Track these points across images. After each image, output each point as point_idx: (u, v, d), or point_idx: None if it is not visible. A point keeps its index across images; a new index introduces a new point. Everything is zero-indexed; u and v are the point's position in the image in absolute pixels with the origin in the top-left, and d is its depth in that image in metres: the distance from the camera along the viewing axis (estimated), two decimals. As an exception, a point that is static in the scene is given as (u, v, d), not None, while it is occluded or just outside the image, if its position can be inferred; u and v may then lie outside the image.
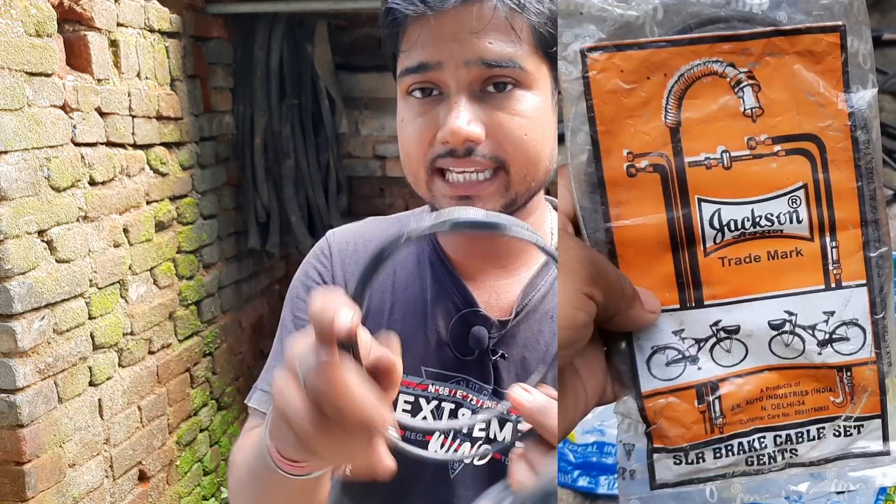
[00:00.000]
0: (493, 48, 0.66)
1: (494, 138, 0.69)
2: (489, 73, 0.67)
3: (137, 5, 2.28)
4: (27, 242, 1.79)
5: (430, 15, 0.66)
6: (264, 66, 3.00)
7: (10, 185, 1.72)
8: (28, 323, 1.79)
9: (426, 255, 0.84)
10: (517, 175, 0.71)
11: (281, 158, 3.09)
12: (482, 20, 0.66)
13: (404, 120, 0.73)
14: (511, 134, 0.69)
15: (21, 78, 1.75)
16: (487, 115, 0.68)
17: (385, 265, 0.44)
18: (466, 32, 0.66)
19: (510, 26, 0.66)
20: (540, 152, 0.71)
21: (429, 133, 0.70)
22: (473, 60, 0.66)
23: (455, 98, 0.68)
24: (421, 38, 0.68)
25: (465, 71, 0.67)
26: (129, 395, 2.27)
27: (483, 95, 0.69)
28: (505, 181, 0.71)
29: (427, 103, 0.70)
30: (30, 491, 1.82)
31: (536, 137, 0.70)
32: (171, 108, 2.47)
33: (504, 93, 0.68)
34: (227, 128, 2.96)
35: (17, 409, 1.78)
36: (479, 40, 0.66)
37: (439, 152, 0.70)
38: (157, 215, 2.41)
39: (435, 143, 0.70)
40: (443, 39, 0.67)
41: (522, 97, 0.69)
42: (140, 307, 2.32)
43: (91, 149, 2.05)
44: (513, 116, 0.69)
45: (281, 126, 3.07)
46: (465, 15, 0.66)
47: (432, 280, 0.82)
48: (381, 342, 0.46)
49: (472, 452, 0.77)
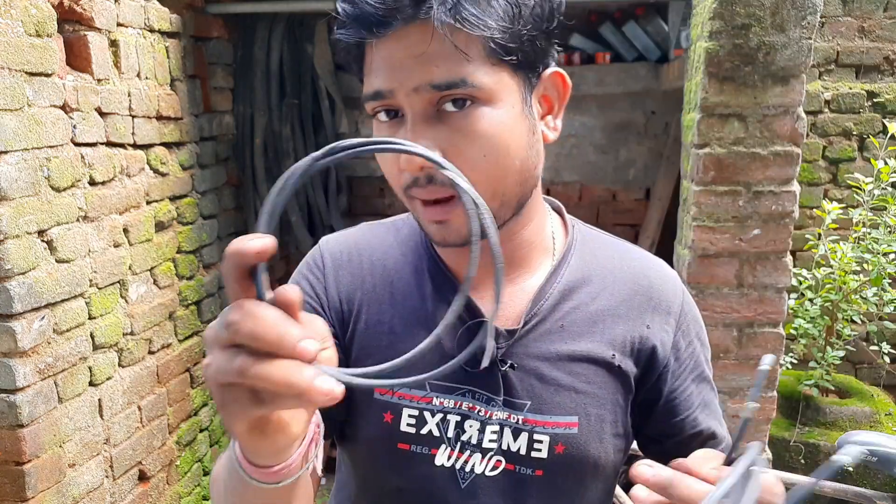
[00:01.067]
0: (439, 71, 0.64)
1: (454, 161, 0.64)
2: (440, 95, 0.65)
3: (137, 5, 2.28)
4: (27, 242, 1.79)
5: (372, 43, 0.66)
6: (264, 66, 3.00)
7: (10, 185, 1.72)
8: (28, 323, 1.79)
9: (424, 266, 0.82)
10: (484, 194, 0.67)
11: (281, 158, 3.09)
12: (424, 42, 0.63)
13: None
14: (469, 157, 0.66)
15: (21, 78, 1.75)
16: (446, 139, 0.66)
17: (286, 194, 0.45)
18: (411, 57, 0.64)
19: (454, 45, 0.63)
20: (505, 167, 0.69)
21: (396, 160, 0.69)
22: (422, 85, 0.64)
23: (411, 125, 0.66)
24: (374, 64, 0.67)
25: (417, 97, 0.65)
26: (129, 395, 2.27)
27: (441, 115, 0.66)
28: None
29: (393, 125, 0.69)
30: (30, 491, 1.82)
31: (499, 153, 0.67)
32: (171, 108, 2.47)
33: (463, 110, 0.66)
34: (227, 128, 2.96)
35: (17, 409, 1.78)
36: (425, 64, 0.64)
37: (407, 181, 0.69)
38: (157, 215, 2.41)
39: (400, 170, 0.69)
40: (392, 66, 0.65)
41: (481, 115, 0.66)
42: (140, 307, 2.32)
43: (91, 149, 2.05)
44: (471, 139, 0.66)
45: (281, 126, 3.07)
46: (408, 38, 0.64)
47: (433, 291, 0.80)
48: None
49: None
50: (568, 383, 0.77)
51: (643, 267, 0.84)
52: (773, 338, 2.06)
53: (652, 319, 0.80)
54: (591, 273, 0.81)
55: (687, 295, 0.85)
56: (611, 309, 0.80)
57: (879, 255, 2.53)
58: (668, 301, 0.82)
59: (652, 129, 3.22)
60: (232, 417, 0.47)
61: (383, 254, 0.84)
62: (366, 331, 0.80)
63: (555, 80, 0.74)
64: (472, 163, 0.66)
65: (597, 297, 0.80)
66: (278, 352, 0.42)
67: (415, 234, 0.85)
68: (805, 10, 1.88)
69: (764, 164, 1.97)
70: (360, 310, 0.81)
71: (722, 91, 1.95)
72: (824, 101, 3.15)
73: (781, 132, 1.95)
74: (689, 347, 0.82)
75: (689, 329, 0.83)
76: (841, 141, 3.18)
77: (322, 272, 0.83)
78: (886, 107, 3.11)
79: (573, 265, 0.81)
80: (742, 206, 2.00)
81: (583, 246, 0.84)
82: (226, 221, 2.94)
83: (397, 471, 0.78)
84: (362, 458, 0.82)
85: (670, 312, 0.81)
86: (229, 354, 0.44)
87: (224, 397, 0.45)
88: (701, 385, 0.82)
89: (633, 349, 0.79)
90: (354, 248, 0.85)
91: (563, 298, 0.79)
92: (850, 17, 3.12)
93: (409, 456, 0.77)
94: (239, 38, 2.98)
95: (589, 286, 0.80)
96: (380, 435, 0.78)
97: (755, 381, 0.53)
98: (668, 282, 0.84)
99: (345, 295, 0.82)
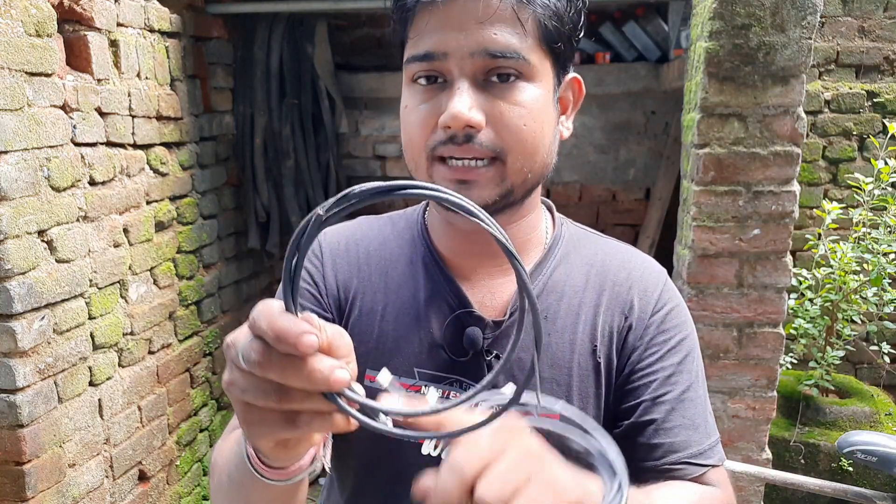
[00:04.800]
0: (498, 39, 0.67)
1: (494, 127, 0.69)
2: (493, 64, 0.68)
3: (137, 5, 2.28)
4: (27, 242, 1.79)
5: (438, 3, 0.67)
6: (264, 66, 3.00)
7: (10, 185, 1.72)
8: (28, 323, 1.79)
9: (419, 256, 0.83)
10: (514, 165, 0.71)
11: (281, 158, 3.09)
12: (489, 10, 0.66)
13: (408, 106, 0.73)
14: (510, 123, 0.69)
15: (21, 78, 1.75)
16: (489, 104, 0.69)
17: (303, 255, 0.44)
18: (473, 22, 0.67)
19: (516, 18, 0.67)
20: (538, 143, 0.72)
21: (431, 119, 0.71)
22: (478, 51, 0.67)
23: (458, 84, 0.68)
24: (428, 26, 0.69)
25: (470, 61, 0.68)
26: (129, 395, 2.27)
27: (486, 85, 0.69)
28: (501, 171, 0.71)
29: (431, 90, 0.71)
30: (30, 491, 1.82)
31: (535, 129, 0.71)
32: (171, 108, 2.47)
33: (507, 83, 0.69)
34: (227, 128, 2.96)
35: (17, 409, 1.78)
36: (485, 31, 0.67)
37: (440, 139, 0.70)
38: (157, 215, 2.41)
39: (436, 129, 0.70)
40: (449, 28, 0.67)
41: (525, 88, 0.70)
42: (140, 307, 2.32)
43: (91, 149, 2.05)
44: (513, 106, 0.69)
45: (281, 126, 3.07)
46: (473, 4, 0.66)
47: (426, 280, 0.82)
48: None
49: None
50: (550, 375, 0.78)
51: (625, 261, 0.85)
52: (773, 338, 2.06)
53: (630, 310, 0.80)
54: (574, 267, 0.83)
55: (669, 289, 0.84)
56: (591, 301, 0.81)
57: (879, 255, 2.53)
58: (646, 291, 0.82)
59: (652, 129, 3.22)
60: (259, 437, 0.48)
61: (380, 244, 0.86)
62: (359, 318, 0.82)
63: (573, 84, 0.79)
64: (514, 129, 0.70)
65: (579, 290, 0.81)
66: (312, 387, 0.44)
67: (411, 228, 0.87)
68: (805, 10, 1.88)
69: (764, 164, 1.97)
70: (356, 297, 0.83)
71: (722, 91, 1.95)
72: (824, 101, 3.15)
73: (781, 132, 1.95)
74: (659, 336, 0.80)
75: (664, 320, 0.81)
76: (841, 141, 3.18)
77: (320, 261, 0.85)
78: (886, 107, 3.11)
79: (559, 259, 0.83)
80: (742, 206, 2.00)
81: (568, 241, 0.86)
82: (226, 221, 2.94)
83: (386, 459, 0.80)
84: (352, 447, 0.83)
85: (648, 302, 0.81)
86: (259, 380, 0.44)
87: (251, 417, 0.46)
88: (672, 378, 0.78)
89: (611, 340, 0.79)
90: (352, 238, 0.87)
91: (547, 291, 0.81)
92: (850, 17, 3.12)
93: (396, 445, 0.78)
94: (239, 38, 2.98)
95: (572, 279, 0.82)
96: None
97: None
98: (649, 274, 0.84)
99: (342, 283, 0.84)
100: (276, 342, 0.42)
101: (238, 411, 0.48)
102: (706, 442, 0.77)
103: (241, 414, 0.47)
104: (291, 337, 0.42)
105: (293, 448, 0.52)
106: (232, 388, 0.46)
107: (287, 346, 0.42)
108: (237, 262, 3.05)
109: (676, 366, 0.79)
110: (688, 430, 0.76)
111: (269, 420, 0.46)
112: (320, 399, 0.45)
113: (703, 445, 0.76)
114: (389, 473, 0.80)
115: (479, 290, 0.81)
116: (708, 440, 0.77)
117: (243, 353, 0.44)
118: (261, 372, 0.44)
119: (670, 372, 0.78)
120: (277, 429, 0.46)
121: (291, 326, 0.42)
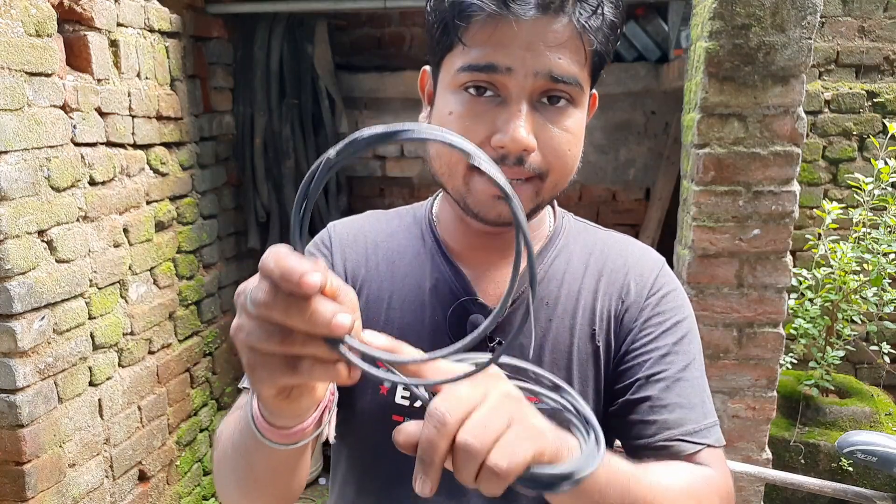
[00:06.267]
0: (562, 64, 0.69)
1: (542, 150, 0.71)
2: (552, 87, 0.70)
3: (137, 5, 2.28)
4: (27, 242, 1.79)
5: (510, 20, 0.67)
6: (264, 66, 3.00)
7: (10, 185, 1.72)
8: (28, 323, 1.79)
9: (427, 247, 0.86)
10: (550, 183, 0.74)
11: (281, 158, 3.09)
12: (557, 35, 0.68)
13: (453, 113, 0.73)
14: (558, 149, 0.72)
15: (21, 78, 1.75)
16: (540, 128, 0.71)
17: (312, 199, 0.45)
18: (541, 44, 0.68)
19: (580, 45, 0.69)
20: (574, 165, 0.76)
21: (483, 133, 0.71)
22: (543, 72, 0.69)
23: (517, 106, 0.70)
24: (493, 38, 0.69)
25: (532, 81, 0.69)
26: (129, 395, 2.27)
27: (538, 106, 0.71)
28: (538, 187, 0.74)
29: (483, 103, 0.71)
30: (30, 491, 1.82)
31: (576, 153, 0.74)
32: (171, 108, 2.47)
33: (556, 107, 0.71)
34: (227, 128, 2.96)
35: (17, 409, 1.78)
36: (552, 53, 0.68)
37: (489, 155, 0.70)
38: (157, 215, 2.41)
39: (487, 144, 0.71)
40: (517, 46, 0.68)
41: (572, 114, 0.73)
42: (140, 307, 2.32)
43: (91, 149, 2.05)
44: (563, 132, 0.72)
45: (281, 126, 3.07)
46: (541, 27, 0.68)
47: (431, 270, 0.84)
48: None
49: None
50: (550, 359, 0.80)
51: (622, 248, 0.88)
52: (773, 338, 2.06)
53: (627, 294, 0.83)
54: (572, 255, 0.86)
55: (665, 273, 0.86)
56: (590, 287, 0.83)
57: (879, 255, 2.53)
58: (642, 275, 0.84)
59: (652, 129, 3.22)
60: (261, 383, 0.49)
61: (388, 236, 0.89)
62: (366, 305, 0.84)
63: (594, 99, 0.81)
64: (560, 153, 0.72)
65: (578, 278, 0.84)
66: (313, 329, 0.45)
67: (419, 223, 0.90)
68: (805, 10, 1.88)
69: (764, 164, 1.97)
70: (363, 286, 0.85)
71: (722, 91, 1.95)
72: (824, 101, 3.15)
73: (781, 132, 1.95)
74: (655, 318, 0.81)
75: (660, 302, 0.82)
76: (841, 141, 3.18)
77: (329, 250, 0.88)
78: (886, 107, 3.11)
79: (559, 248, 0.86)
80: (742, 206, 2.00)
81: (569, 232, 0.89)
82: (226, 221, 2.94)
83: (388, 445, 0.80)
84: (358, 430, 0.84)
85: (644, 286, 0.83)
86: (263, 322, 0.46)
87: (255, 361, 0.48)
88: (666, 358, 0.79)
89: (609, 324, 0.82)
90: (360, 230, 0.90)
91: (548, 278, 0.83)
92: (850, 17, 3.12)
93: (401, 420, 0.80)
94: (239, 38, 2.98)
95: (572, 267, 0.85)
96: (375, 407, 0.82)
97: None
98: (645, 259, 0.87)
99: (349, 271, 0.86)
100: (282, 280, 0.43)
101: (243, 356, 0.49)
102: (703, 422, 0.77)
103: (245, 359, 0.49)
104: (296, 275, 0.43)
105: (296, 399, 0.53)
106: (238, 333, 0.48)
107: (291, 285, 0.43)
108: (237, 262, 3.05)
109: (672, 346, 0.79)
110: (683, 408, 0.77)
111: (272, 364, 0.47)
112: (322, 345, 0.46)
113: (699, 425, 0.77)
114: (393, 459, 0.81)
115: (484, 280, 0.83)
116: (704, 420, 0.77)
117: (251, 294, 0.46)
118: (266, 311, 0.45)
119: (665, 351, 0.79)
120: (279, 373, 0.47)
121: (297, 265, 0.43)
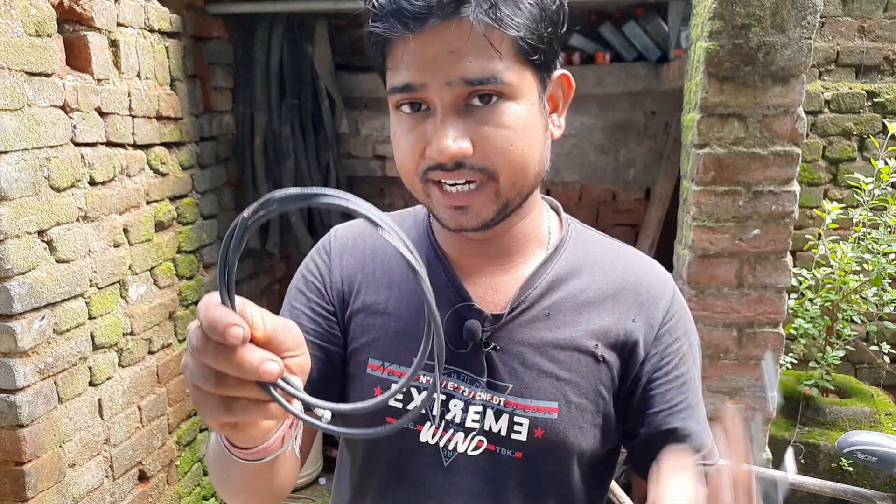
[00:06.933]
0: (472, 66, 0.67)
1: (482, 151, 0.70)
2: (471, 90, 0.69)
3: (137, 5, 2.28)
4: (27, 242, 1.79)
5: (409, 37, 0.68)
6: (264, 66, 3.00)
7: (10, 185, 1.72)
8: (28, 323, 1.79)
9: (424, 253, 0.86)
10: (506, 182, 0.73)
11: (281, 158, 3.09)
12: (461, 39, 0.67)
13: (396, 134, 0.75)
14: (497, 146, 0.70)
15: (21, 78, 1.75)
16: (473, 130, 0.70)
17: (234, 256, 0.47)
18: (446, 52, 0.67)
19: (488, 43, 0.67)
20: (527, 160, 0.73)
21: (418, 147, 0.72)
22: (455, 80, 0.68)
23: (441, 116, 0.70)
24: (405, 58, 0.70)
25: (449, 90, 0.68)
26: (129, 395, 2.27)
27: (469, 109, 0.70)
28: (495, 189, 0.73)
29: (416, 118, 0.72)
30: (30, 491, 1.82)
31: (523, 146, 0.72)
32: (171, 108, 2.47)
33: (489, 105, 0.70)
34: (227, 128, 2.96)
35: (17, 409, 1.78)
36: (460, 60, 0.67)
37: (430, 164, 0.72)
38: (157, 215, 2.41)
39: (425, 155, 0.72)
40: (425, 60, 0.68)
41: (507, 108, 0.70)
42: (140, 307, 2.32)
43: (91, 149, 2.05)
44: (498, 129, 0.70)
45: (281, 126, 3.07)
46: (444, 34, 0.67)
47: (428, 276, 0.83)
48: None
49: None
50: (550, 370, 0.79)
51: (633, 264, 0.86)
52: (773, 338, 2.06)
53: (638, 314, 0.82)
54: (581, 266, 0.84)
55: (678, 295, 0.86)
56: (598, 302, 0.82)
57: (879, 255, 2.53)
58: (656, 298, 0.83)
59: (652, 129, 3.22)
60: (205, 417, 0.52)
61: (386, 242, 0.88)
62: (363, 310, 0.85)
63: (561, 81, 0.79)
64: (501, 150, 0.71)
65: (585, 290, 0.83)
66: (242, 376, 0.47)
67: (418, 226, 0.90)
68: (805, 10, 1.88)
69: (764, 164, 1.97)
70: (360, 290, 0.86)
71: (722, 91, 1.95)
72: (824, 101, 3.15)
73: (781, 132, 1.95)
74: (674, 344, 0.82)
75: (675, 327, 0.83)
76: (841, 141, 3.18)
77: (329, 256, 0.89)
78: (886, 107, 3.11)
79: (565, 258, 0.84)
80: (742, 206, 2.00)
81: (576, 241, 0.87)
82: (226, 221, 2.94)
83: (385, 445, 0.83)
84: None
85: (657, 308, 0.83)
86: (201, 365, 0.48)
87: (197, 398, 0.51)
88: (685, 386, 0.82)
89: (616, 342, 0.81)
90: (360, 235, 0.91)
91: (551, 288, 0.82)
92: (850, 17, 3.12)
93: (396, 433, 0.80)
94: (239, 38, 2.98)
95: (578, 278, 0.83)
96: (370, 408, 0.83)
97: (765, 375, 0.52)
98: (658, 280, 0.86)
99: (347, 276, 0.87)
100: (209, 331, 0.46)
101: (190, 393, 0.52)
102: (710, 441, 0.82)
103: (191, 395, 0.52)
104: (220, 327, 0.45)
105: (243, 431, 0.55)
106: (185, 370, 0.51)
107: (217, 336, 0.45)
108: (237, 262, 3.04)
109: (686, 373, 0.82)
110: (702, 434, 0.82)
111: (210, 403, 0.50)
112: (254, 388, 0.48)
113: (710, 444, 0.82)
114: (389, 460, 0.83)
115: (481, 286, 0.83)
116: (709, 438, 0.83)
117: (189, 338, 0.49)
118: (200, 357, 0.47)
119: (684, 380, 0.82)
120: (216, 412, 0.50)
121: (221, 318, 0.45)
